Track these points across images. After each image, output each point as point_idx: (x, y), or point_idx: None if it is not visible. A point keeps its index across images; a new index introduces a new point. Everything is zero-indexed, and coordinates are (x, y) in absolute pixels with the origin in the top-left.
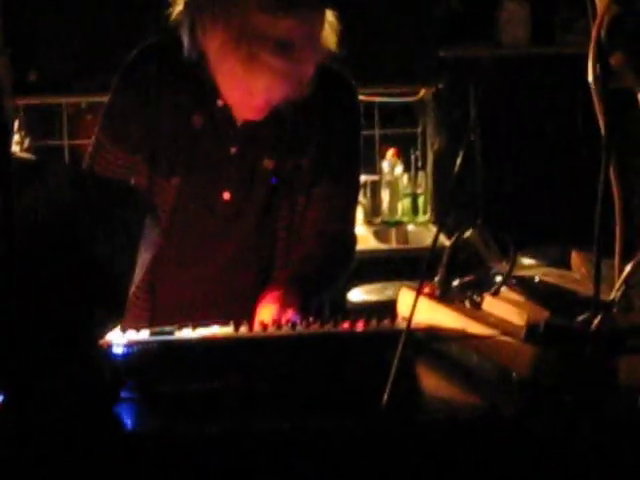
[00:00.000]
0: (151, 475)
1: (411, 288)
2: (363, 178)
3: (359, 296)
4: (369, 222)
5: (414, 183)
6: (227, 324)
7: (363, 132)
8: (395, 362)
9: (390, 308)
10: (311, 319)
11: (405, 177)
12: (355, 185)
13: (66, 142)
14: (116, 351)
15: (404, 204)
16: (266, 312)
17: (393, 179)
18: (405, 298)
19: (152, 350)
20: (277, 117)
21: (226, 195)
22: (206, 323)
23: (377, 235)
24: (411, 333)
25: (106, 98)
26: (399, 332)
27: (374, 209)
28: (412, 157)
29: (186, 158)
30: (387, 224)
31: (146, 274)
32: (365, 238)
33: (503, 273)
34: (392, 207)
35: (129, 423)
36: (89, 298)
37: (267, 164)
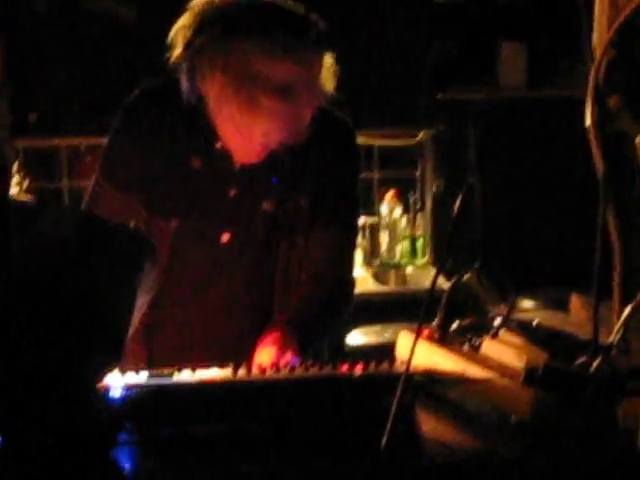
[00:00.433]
0: None
1: (410, 331)
2: (362, 220)
3: (358, 338)
4: (368, 264)
5: (413, 225)
6: (226, 366)
7: (362, 174)
8: (394, 405)
9: (389, 351)
10: (310, 362)
11: (404, 219)
12: (354, 227)
13: (65, 184)
14: (114, 394)
15: (403, 246)
16: (265, 355)
17: (392, 221)
18: (404, 341)
19: (150, 393)
20: (276, 160)
21: (225, 237)
22: (205, 365)
23: (376, 277)
24: (410, 376)
25: (105, 140)
26: (398, 375)
27: (373, 251)
28: (411, 199)
29: (185, 200)
30: (386, 266)
31: (144, 315)
32: (364, 280)
33: (502, 316)
34: (391, 249)
35: (127, 467)
36: (87, 340)
37: (266, 206)
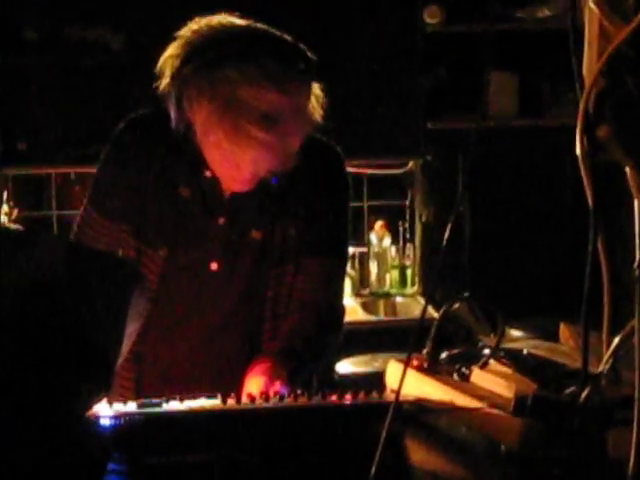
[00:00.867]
0: None
1: (399, 360)
2: (351, 250)
3: (347, 368)
4: (357, 294)
5: (402, 255)
6: (214, 396)
7: (351, 204)
8: (383, 435)
9: (378, 380)
10: (299, 391)
11: (393, 249)
12: (343, 255)
13: (54, 212)
14: (103, 423)
15: (392, 276)
16: (254, 384)
17: (381, 251)
18: (393, 370)
19: (139, 422)
20: (265, 188)
21: (214, 265)
22: (193, 395)
23: (365, 307)
24: (399, 405)
25: (95, 169)
26: (387, 404)
27: (362, 281)
28: (400, 229)
29: (173, 229)
30: (375, 296)
31: (133, 344)
32: (353, 310)
33: (491, 345)
34: (380, 279)
35: None
36: (76, 369)
37: (255, 235)
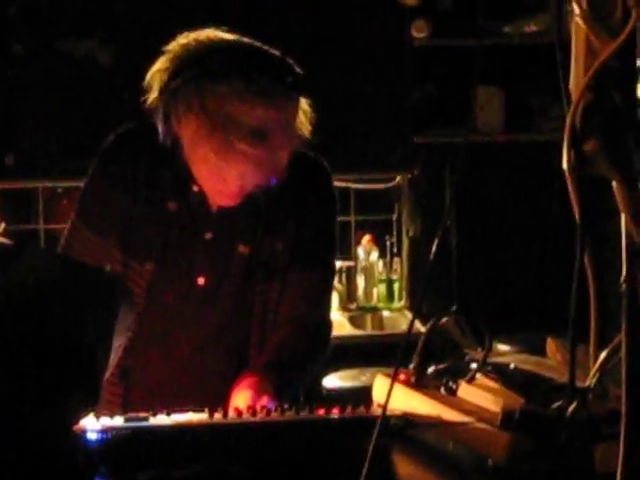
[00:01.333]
0: None
1: (386, 375)
2: (338, 264)
3: (334, 382)
4: (344, 308)
5: (389, 269)
6: (202, 410)
7: (338, 218)
8: (370, 449)
9: (365, 395)
10: (286, 406)
11: (380, 263)
12: (330, 271)
13: (42, 226)
14: (90, 437)
15: (379, 290)
16: (241, 398)
17: (369, 265)
18: (380, 385)
19: (127, 436)
20: (252, 203)
21: (201, 280)
22: (181, 410)
23: (352, 321)
24: (386, 420)
25: (82, 183)
26: (374, 419)
27: (349, 295)
28: (388, 243)
29: (160, 243)
30: (362, 310)
31: (120, 358)
32: (340, 324)
33: (478, 360)
34: (367, 293)
35: None
36: (64, 382)
37: (242, 250)
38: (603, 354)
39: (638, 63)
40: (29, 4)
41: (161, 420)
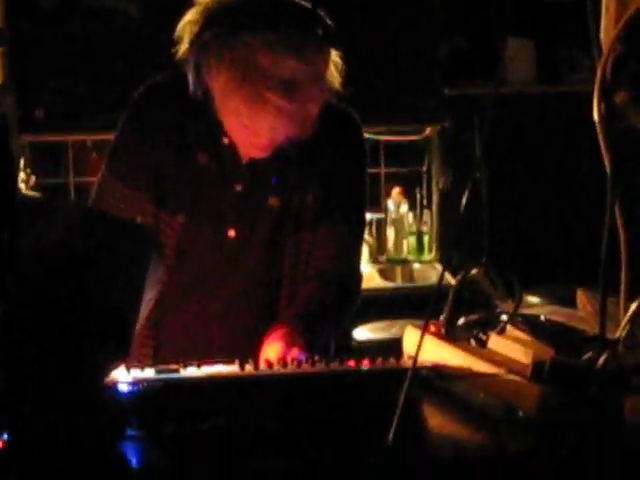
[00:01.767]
0: None
1: (417, 326)
2: (368, 216)
3: (364, 334)
4: (374, 260)
5: (419, 221)
6: (232, 362)
7: (368, 170)
8: (401, 400)
9: (396, 346)
10: (317, 357)
11: (410, 215)
12: (360, 223)
13: (72, 180)
14: (121, 389)
15: (409, 242)
16: (271, 350)
17: (398, 217)
18: (411, 336)
19: (157, 388)
20: (282, 155)
21: (231, 232)
22: (211, 361)
23: (382, 273)
24: (417, 371)
25: (112, 136)
26: (405, 370)
27: (379, 247)
28: (417, 195)
29: (191, 195)
30: (392, 262)
31: (151, 311)
32: (370, 276)
33: (509, 311)
34: (397, 245)
35: (134, 461)
36: (95, 335)
37: (272, 202)
38: (633, 305)
39: None
40: None
41: (192, 372)
